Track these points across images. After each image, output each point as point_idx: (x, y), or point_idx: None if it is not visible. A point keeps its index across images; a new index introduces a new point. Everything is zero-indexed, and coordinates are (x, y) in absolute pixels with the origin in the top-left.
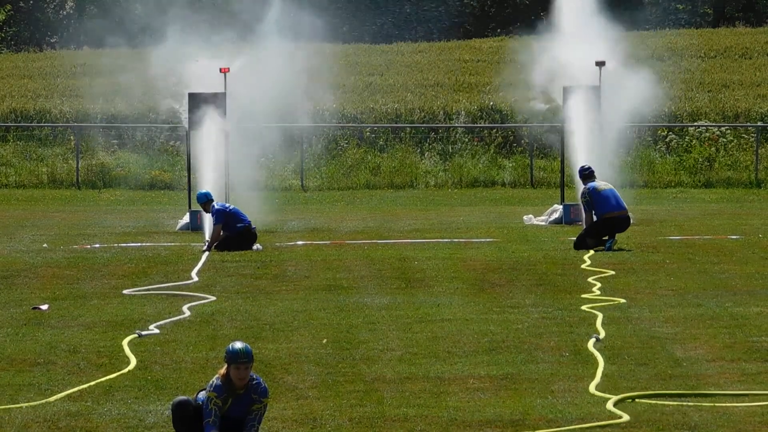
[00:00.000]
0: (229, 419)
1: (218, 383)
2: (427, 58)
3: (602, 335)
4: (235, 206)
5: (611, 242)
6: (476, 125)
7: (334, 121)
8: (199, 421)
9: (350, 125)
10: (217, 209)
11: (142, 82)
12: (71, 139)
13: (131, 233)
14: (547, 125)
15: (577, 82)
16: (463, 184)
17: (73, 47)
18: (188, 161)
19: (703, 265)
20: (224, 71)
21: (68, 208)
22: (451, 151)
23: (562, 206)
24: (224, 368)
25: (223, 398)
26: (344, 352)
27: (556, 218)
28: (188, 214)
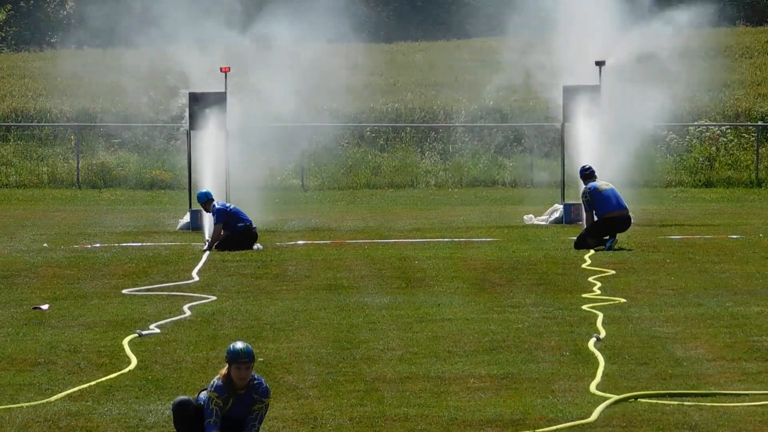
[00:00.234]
0: (230, 419)
1: (219, 383)
2: (427, 57)
3: (603, 335)
4: (235, 206)
5: (612, 242)
6: (476, 124)
7: (334, 120)
8: (200, 421)
9: (350, 125)
10: (217, 209)
11: (143, 81)
12: (72, 138)
13: (132, 233)
14: (547, 125)
15: (577, 81)
16: (463, 183)
17: (73, 46)
18: (189, 161)
19: (703, 264)
20: (225, 71)
21: (69, 207)
22: (451, 150)
23: (562, 206)
24: (225, 368)
25: (224, 398)
26: (345, 351)
27: (556, 218)
28: (189, 213)
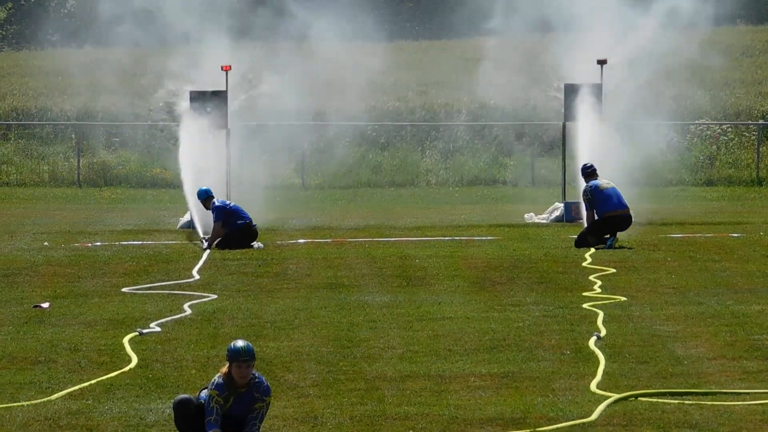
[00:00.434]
0: (230, 418)
1: (220, 381)
2: (428, 56)
3: (603, 333)
4: (235, 203)
5: (612, 240)
6: (477, 123)
7: (335, 119)
8: (201, 419)
9: (351, 123)
10: (217, 206)
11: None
12: (72, 137)
13: (132, 231)
14: (548, 123)
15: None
16: (464, 182)
17: (74, 45)
18: (190, 160)
19: (704, 263)
20: (226, 69)
21: (69, 206)
22: (452, 149)
23: (563, 204)
24: (226, 366)
25: (224, 396)
26: (345, 350)
27: (557, 216)
28: (189, 212)
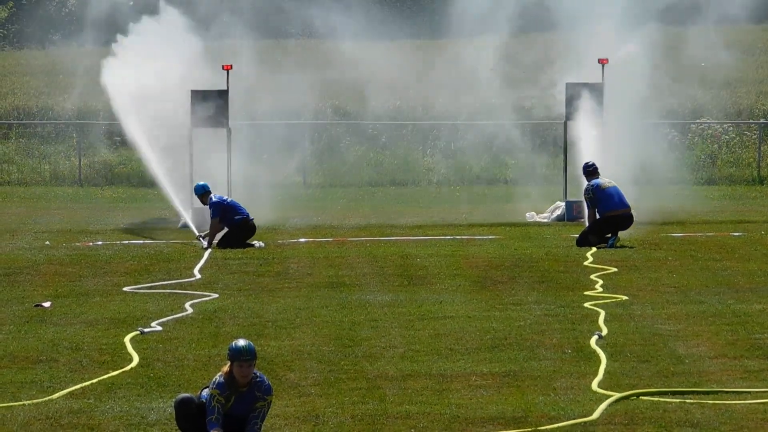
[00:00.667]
0: (232, 417)
1: (221, 381)
2: (429, 54)
3: (604, 332)
4: (233, 199)
5: (614, 239)
6: (479, 122)
7: (336, 118)
8: (202, 418)
9: (352, 122)
10: (214, 201)
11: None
12: (73, 136)
13: (133, 230)
14: (550, 122)
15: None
16: (465, 181)
17: (75, 44)
18: (190, 159)
19: (705, 262)
20: (227, 68)
21: (70, 205)
22: (453, 148)
23: (564, 203)
24: (227, 366)
25: (226, 396)
26: (346, 349)
27: (558, 215)
28: (190, 211)
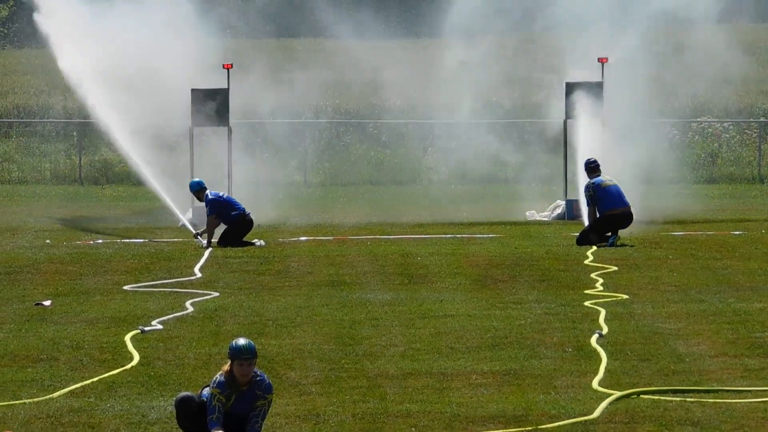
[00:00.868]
0: (232, 416)
1: (222, 380)
2: (429, 53)
3: (605, 331)
4: (229, 195)
5: (614, 238)
6: (479, 120)
7: (336, 117)
8: (203, 417)
9: (353, 121)
10: (210, 198)
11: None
12: (74, 135)
13: (134, 229)
14: (550, 120)
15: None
16: (465, 179)
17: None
18: (191, 157)
19: (705, 260)
20: (227, 67)
21: (71, 203)
22: (453, 146)
23: (564, 202)
24: (227, 364)
25: (226, 395)
26: (347, 348)
27: (558, 214)
28: (191, 210)
